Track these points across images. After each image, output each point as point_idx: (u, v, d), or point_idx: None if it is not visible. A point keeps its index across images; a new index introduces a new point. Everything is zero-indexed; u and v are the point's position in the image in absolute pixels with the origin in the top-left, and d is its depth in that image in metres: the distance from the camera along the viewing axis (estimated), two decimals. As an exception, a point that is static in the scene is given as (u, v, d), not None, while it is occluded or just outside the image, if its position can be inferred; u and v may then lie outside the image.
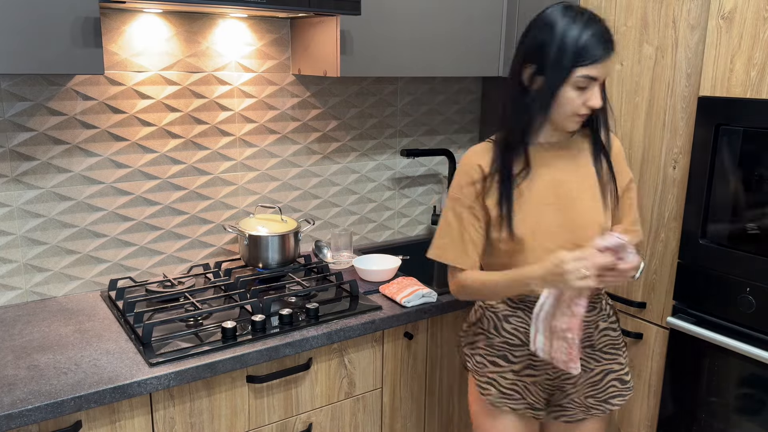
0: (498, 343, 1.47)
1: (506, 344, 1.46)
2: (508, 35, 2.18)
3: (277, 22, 2.04)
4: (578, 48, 1.28)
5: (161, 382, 1.39)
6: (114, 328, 1.62)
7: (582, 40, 1.29)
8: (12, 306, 1.75)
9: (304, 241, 2.26)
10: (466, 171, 1.44)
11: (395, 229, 2.50)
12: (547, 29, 1.32)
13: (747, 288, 1.57)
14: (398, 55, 1.96)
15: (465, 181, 1.43)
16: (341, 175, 2.30)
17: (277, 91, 2.09)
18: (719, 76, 1.58)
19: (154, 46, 1.84)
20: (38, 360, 1.44)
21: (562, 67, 1.30)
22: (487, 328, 1.49)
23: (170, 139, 1.92)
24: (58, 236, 1.79)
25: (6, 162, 1.69)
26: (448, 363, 1.95)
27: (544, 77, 1.32)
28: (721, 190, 1.61)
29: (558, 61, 1.30)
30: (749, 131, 1.53)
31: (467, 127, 2.61)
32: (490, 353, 1.48)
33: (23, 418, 1.24)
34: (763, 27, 1.48)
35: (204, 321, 1.65)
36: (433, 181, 2.55)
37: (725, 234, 1.61)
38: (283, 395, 1.62)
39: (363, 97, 2.29)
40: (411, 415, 1.91)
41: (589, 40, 1.29)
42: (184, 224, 2.00)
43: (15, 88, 1.67)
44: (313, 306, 1.69)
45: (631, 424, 1.94)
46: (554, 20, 1.31)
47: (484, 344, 1.50)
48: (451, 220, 1.44)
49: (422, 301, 1.81)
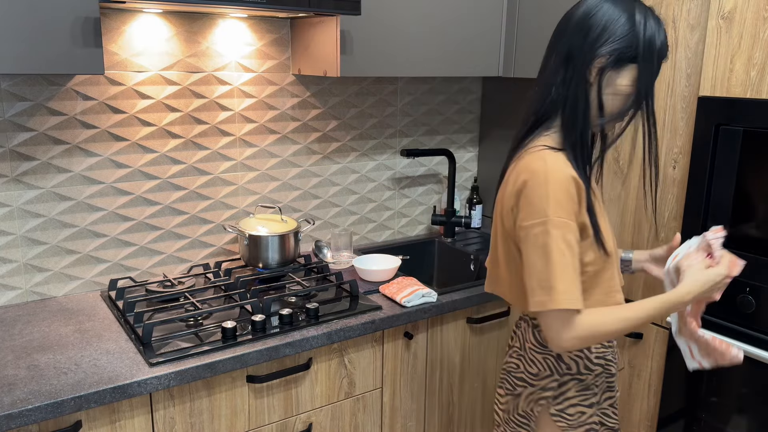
0: (590, 381, 1.30)
1: (595, 377, 1.31)
2: (508, 35, 2.18)
3: (277, 22, 2.04)
4: (662, 44, 1.18)
5: (161, 382, 1.39)
6: (114, 328, 1.62)
7: (660, 40, 1.18)
8: (12, 306, 1.75)
9: (304, 241, 2.26)
10: (565, 187, 1.15)
11: (395, 229, 2.50)
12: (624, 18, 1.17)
13: (747, 288, 1.57)
14: (398, 55, 1.96)
15: (566, 199, 1.15)
16: (341, 175, 2.30)
17: (277, 91, 2.09)
18: (719, 76, 1.58)
19: (154, 46, 1.84)
20: (38, 360, 1.44)
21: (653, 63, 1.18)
22: (577, 370, 1.29)
23: (170, 139, 1.92)
24: (58, 236, 1.79)
25: (6, 162, 1.69)
26: (448, 363, 1.95)
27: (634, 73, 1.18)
28: (721, 190, 1.61)
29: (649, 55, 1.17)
30: (749, 131, 1.53)
31: (467, 127, 2.61)
32: (586, 396, 1.30)
33: (23, 418, 1.24)
34: (763, 27, 1.48)
35: (204, 321, 1.65)
36: (433, 181, 2.55)
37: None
38: (283, 395, 1.62)
39: (363, 97, 2.29)
40: (411, 415, 1.91)
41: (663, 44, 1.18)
42: (184, 224, 2.00)
43: (15, 88, 1.67)
44: (313, 306, 1.69)
45: (631, 424, 1.94)
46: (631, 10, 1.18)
47: (576, 391, 1.30)
48: (566, 253, 1.14)
49: (422, 301, 1.81)
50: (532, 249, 1.16)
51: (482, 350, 2.03)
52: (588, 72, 1.19)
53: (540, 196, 1.15)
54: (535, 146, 1.23)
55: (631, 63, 1.18)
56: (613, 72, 1.18)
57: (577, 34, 1.19)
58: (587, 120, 1.21)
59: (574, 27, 1.20)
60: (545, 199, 1.15)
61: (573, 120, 1.21)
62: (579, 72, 1.19)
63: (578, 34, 1.19)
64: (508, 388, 1.38)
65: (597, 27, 1.17)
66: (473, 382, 2.04)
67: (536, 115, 1.26)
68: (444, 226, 2.46)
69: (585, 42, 1.18)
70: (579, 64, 1.19)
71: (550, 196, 1.14)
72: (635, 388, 1.91)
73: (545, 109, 1.25)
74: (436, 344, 1.90)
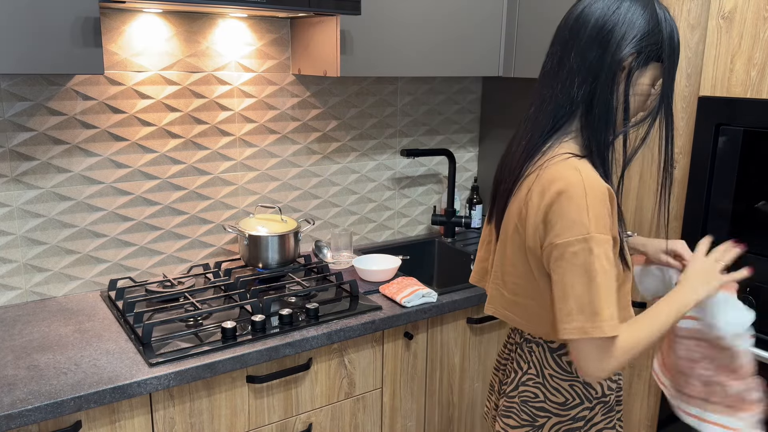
0: (612, 401, 1.25)
1: (615, 395, 1.27)
2: (508, 35, 2.18)
3: (277, 22, 2.04)
4: (678, 41, 1.15)
5: (161, 382, 1.39)
6: (114, 328, 1.62)
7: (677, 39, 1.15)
8: (12, 306, 1.75)
9: (304, 241, 2.26)
10: (602, 200, 1.06)
11: (395, 229, 2.50)
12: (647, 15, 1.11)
13: (747, 288, 1.57)
14: (398, 55, 1.96)
15: (605, 213, 1.06)
16: (341, 175, 2.30)
17: (277, 91, 2.09)
18: (719, 76, 1.58)
19: (154, 46, 1.84)
20: (38, 360, 1.43)
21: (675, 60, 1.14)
22: (602, 393, 1.23)
23: (170, 139, 1.92)
24: (58, 236, 1.79)
25: (6, 162, 1.69)
26: (448, 363, 1.95)
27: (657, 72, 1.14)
28: (721, 190, 1.61)
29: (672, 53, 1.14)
30: (749, 131, 1.53)
31: (467, 127, 2.61)
32: (611, 417, 1.25)
33: (23, 418, 1.24)
34: (763, 27, 1.48)
35: (204, 321, 1.65)
36: (433, 181, 2.55)
37: (725, 234, 1.61)
38: (283, 395, 1.62)
39: (363, 97, 2.29)
40: (411, 415, 1.91)
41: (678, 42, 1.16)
42: (184, 224, 2.00)
43: (15, 88, 1.67)
44: (313, 306, 1.69)
45: (631, 424, 1.94)
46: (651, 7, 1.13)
47: (602, 414, 1.24)
48: (610, 274, 1.05)
49: (422, 301, 1.80)
50: (569, 268, 1.05)
51: (482, 350, 2.03)
52: (615, 72, 1.11)
53: (578, 209, 1.04)
54: (559, 154, 1.13)
55: (656, 61, 1.13)
56: (639, 71, 1.13)
57: (599, 31, 1.11)
58: (614, 122, 1.14)
59: (596, 24, 1.11)
60: (584, 213, 1.04)
61: (601, 122, 1.13)
62: (605, 72, 1.11)
63: (601, 32, 1.11)
64: (525, 420, 1.26)
65: (622, 24, 1.10)
66: (473, 382, 2.04)
67: (554, 119, 1.16)
68: (444, 226, 2.46)
69: (611, 40, 1.10)
70: (605, 65, 1.11)
71: (590, 210, 1.04)
72: (635, 388, 1.91)
73: (563, 112, 1.15)
74: (436, 344, 1.90)
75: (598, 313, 1.03)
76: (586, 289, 1.04)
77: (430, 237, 2.51)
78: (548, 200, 1.08)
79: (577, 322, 1.05)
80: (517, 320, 1.24)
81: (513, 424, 1.29)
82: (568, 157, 1.12)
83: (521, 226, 1.16)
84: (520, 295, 1.21)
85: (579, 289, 1.04)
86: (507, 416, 1.31)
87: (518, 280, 1.20)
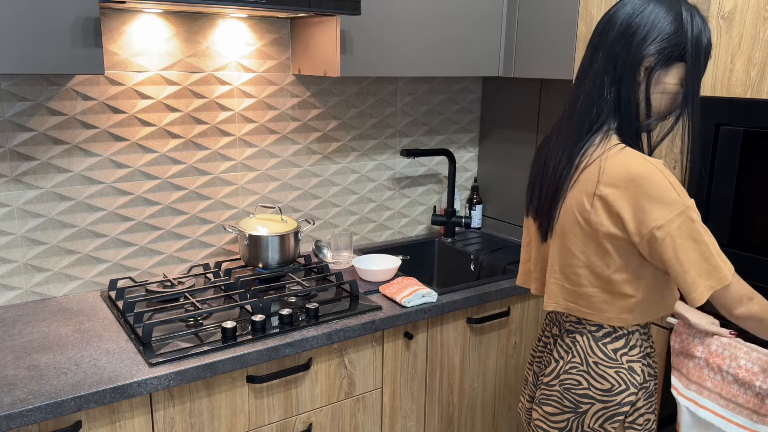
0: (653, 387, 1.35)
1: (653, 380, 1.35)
2: (508, 35, 2.18)
3: (277, 22, 2.04)
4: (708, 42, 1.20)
5: (161, 382, 1.39)
6: (114, 328, 1.62)
7: (708, 34, 1.19)
8: (12, 306, 1.75)
9: (304, 241, 2.26)
10: (671, 173, 1.20)
11: (395, 229, 2.50)
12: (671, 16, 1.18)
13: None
14: (398, 55, 1.96)
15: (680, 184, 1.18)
16: (341, 175, 2.30)
17: (277, 91, 2.09)
18: (719, 76, 1.58)
19: (154, 46, 1.84)
20: (38, 360, 1.44)
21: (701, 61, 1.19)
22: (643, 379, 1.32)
23: (170, 139, 1.92)
24: (58, 236, 1.79)
25: (6, 162, 1.69)
26: (448, 363, 1.95)
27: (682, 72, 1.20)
28: (721, 190, 1.61)
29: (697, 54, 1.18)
30: (749, 131, 1.53)
31: (467, 127, 2.61)
32: (650, 402, 1.34)
33: (23, 418, 1.24)
34: (763, 27, 1.48)
35: (204, 321, 1.65)
36: (433, 181, 2.55)
37: (725, 234, 1.61)
38: (283, 395, 1.62)
39: (363, 97, 2.29)
40: (411, 415, 1.91)
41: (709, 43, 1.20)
42: (184, 224, 2.00)
43: (15, 88, 1.67)
44: (313, 306, 1.69)
45: (631, 424, 1.94)
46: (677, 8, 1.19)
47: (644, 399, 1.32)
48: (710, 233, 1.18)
49: (422, 301, 1.81)
50: (680, 243, 1.13)
51: (482, 350, 2.03)
52: (636, 71, 1.19)
53: (665, 188, 1.13)
54: (612, 145, 1.21)
55: (680, 62, 1.19)
56: (662, 71, 1.19)
57: (623, 33, 1.19)
58: (639, 119, 1.21)
59: (621, 26, 1.19)
60: (671, 190, 1.13)
61: (627, 120, 1.21)
62: (628, 72, 1.19)
63: (625, 34, 1.19)
64: (568, 406, 1.31)
65: (644, 26, 1.17)
66: (473, 382, 2.04)
67: (590, 117, 1.24)
68: (444, 226, 2.46)
69: (633, 41, 1.18)
70: (627, 64, 1.19)
71: (674, 185, 1.14)
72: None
73: (597, 110, 1.23)
74: (436, 344, 1.90)
75: (716, 266, 1.14)
76: (698, 253, 1.14)
77: (430, 237, 2.51)
78: (632, 190, 1.15)
79: (703, 287, 1.14)
80: (583, 310, 1.30)
81: (553, 412, 1.34)
82: (623, 147, 1.20)
83: (589, 217, 1.22)
84: (585, 285, 1.27)
85: (693, 256, 1.14)
86: (547, 404, 1.36)
87: (582, 270, 1.27)
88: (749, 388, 1.39)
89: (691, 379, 1.50)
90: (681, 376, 1.53)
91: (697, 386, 1.49)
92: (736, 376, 1.41)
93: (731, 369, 1.42)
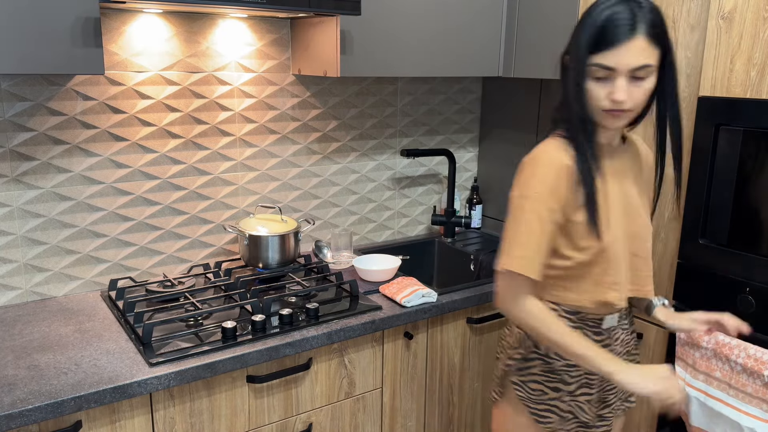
0: (559, 367, 1.36)
1: (566, 366, 1.36)
2: (508, 35, 2.18)
3: (277, 22, 2.04)
4: (593, 31, 1.17)
5: (161, 382, 1.39)
6: (114, 328, 1.62)
7: (598, 22, 1.16)
8: (12, 306, 1.75)
9: (304, 241, 2.26)
10: (555, 172, 1.24)
11: (395, 229, 2.50)
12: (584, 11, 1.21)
13: (747, 288, 1.57)
14: (398, 55, 1.96)
15: (553, 181, 1.24)
16: (341, 175, 2.30)
17: (277, 91, 2.09)
18: (719, 76, 1.58)
19: (154, 46, 1.84)
20: (38, 360, 1.44)
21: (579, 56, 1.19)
22: (545, 352, 1.36)
23: (170, 139, 1.92)
24: (58, 236, 1.79)
25: (6, 162, 1.69)
26: (448, 363, 1.95)
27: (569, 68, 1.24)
28: (720, 190, 1.61)
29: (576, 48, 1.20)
30: (749, 131, 1.53)
31: (467, 127, 2.61)
32: (551, 379, 1.36)
33: (23, 418, 1.24)
34: (763, 27, 1.48)
35: (204, 321, 1.65)
36: (433, 181, 2.56)
37: (725, 234, 1.61)
38: (283, 395, 1.63)
39: (363, 97, 2.29)
40: (411, 415, 1.91)
41: (605, 22, 1.15)
42: (184, 224, 2.00)
43: (15, 88, 1.67)
44: (313, 306, 1.69)
45: (631, 424, 1.94)
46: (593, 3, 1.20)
47: (540, 370, 1.37)
48: (535, 226, 1.24)
49: (422, 301, 1.81)
50: (509, 217, 1.29)
51: (482, 350, 2.03)
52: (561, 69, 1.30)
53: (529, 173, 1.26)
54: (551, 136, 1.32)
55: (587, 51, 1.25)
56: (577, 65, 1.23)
57: None
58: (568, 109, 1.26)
59: None
60: (535, 179, 1.25)
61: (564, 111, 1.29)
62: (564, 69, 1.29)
63: None
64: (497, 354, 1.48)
65: None
66: (473, 382, 2.04)
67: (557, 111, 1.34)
68: (444, 226, 2.46)
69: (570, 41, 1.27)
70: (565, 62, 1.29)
71: (539, 177, 1.24)
72: (635, 388, 1.91)
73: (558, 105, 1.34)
74: (436, 344, 1.90)
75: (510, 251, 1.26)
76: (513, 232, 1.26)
77: (430, 237, 2.51)
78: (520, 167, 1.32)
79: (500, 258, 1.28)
80: None
81: None
82: (552, 138, 1.31)
83: None
84: None
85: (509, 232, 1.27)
86: None
87: None
88: (758, 377, 1.38)
89: (699, 369, 1.50)
90: (687, 366, 1.52)
91: (706, 376, 1.48)
92: (745, 365, 1.40)
93: (739, 359, 1.41)
